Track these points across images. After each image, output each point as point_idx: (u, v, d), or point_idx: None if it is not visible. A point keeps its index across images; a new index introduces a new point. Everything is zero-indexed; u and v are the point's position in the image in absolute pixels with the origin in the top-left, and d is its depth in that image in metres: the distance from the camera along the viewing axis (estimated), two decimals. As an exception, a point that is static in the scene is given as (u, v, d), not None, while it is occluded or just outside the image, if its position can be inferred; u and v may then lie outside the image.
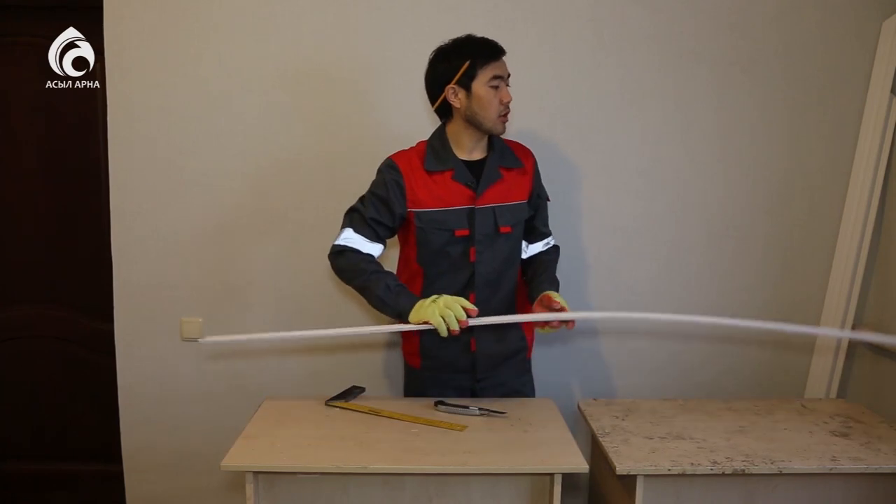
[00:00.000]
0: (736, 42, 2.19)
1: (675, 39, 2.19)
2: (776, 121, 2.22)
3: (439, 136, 1.82)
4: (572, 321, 1.69)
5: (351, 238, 1.75)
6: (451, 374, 1.87)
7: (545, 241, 1.97)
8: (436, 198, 1.76)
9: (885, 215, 2.20)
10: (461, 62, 1.71)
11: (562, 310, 1.69)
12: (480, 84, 1.71)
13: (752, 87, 2.21)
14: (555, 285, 1.83)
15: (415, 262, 1.82)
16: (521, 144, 1.92)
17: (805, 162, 2.23)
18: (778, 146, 2.23)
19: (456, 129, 1.79)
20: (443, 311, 1.59)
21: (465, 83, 1.72)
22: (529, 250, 1.94)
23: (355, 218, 1.78)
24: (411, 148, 1.85)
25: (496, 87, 1.72)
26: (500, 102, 1.73)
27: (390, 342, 2.29)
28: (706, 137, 2.23)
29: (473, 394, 1.90)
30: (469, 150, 1.80)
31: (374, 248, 1.77)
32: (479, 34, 1.79)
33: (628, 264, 2.28)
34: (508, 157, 1.84)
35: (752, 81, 2.21)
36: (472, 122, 1.75)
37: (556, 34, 2.18)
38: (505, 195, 1.80)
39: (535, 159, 1.91)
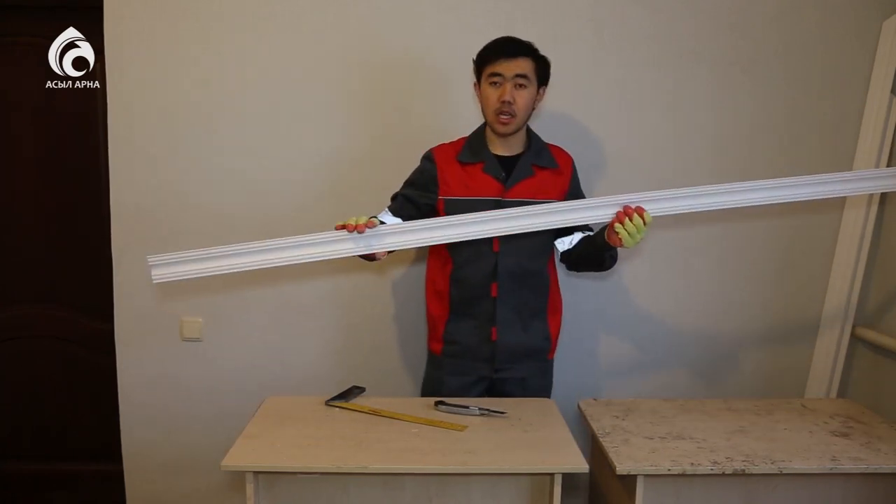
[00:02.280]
0: (736, 42, 2.19)
1: (675, 39, 2.19)
2: (776, 121, 2.22)
3: (479, 132, 1.90)
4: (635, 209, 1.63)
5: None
6: (470, 361, 1.89)
7: (586, 233, 1.93)
8: (465, 187, 1.84)
9: (885, 215, 2.20)
10: (474, 64, 1.82)
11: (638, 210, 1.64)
12: (483, 82, 1.80)
13: (752, 87, 2.21)
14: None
15: (444, 249, 1.87)
16: (561, 149, 1.94)
17: (805, 162, 2.23)
18: (778, 146, 2.23)
19: (485, 126, 1.89)
20: (351, 219, 1.61)
21: (478, 83, 1.83)
22: (567, 243, 1.92)
23: (393, 199, 1.90)
24: (452, 142, 1.93)
25: (496, 85, 1.77)
26: (497, 100, 1.76)
27: (391, 341, 2.29)
28: (706, 137, 2.23)
29: (492, 385, 1.92)
30: (500, 146, 1.86)
31: (392, 220, 1.82)
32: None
33: (628, 264, 2.28)
34: (545, 156, 1.88)
35: (752, 81, 2.21)
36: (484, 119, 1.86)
37: (556, 34, 2.18)
38: (536, 191, 1.84)
39: (573, 164, 1.94)
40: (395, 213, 1.84)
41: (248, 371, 2.29)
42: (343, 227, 1.59)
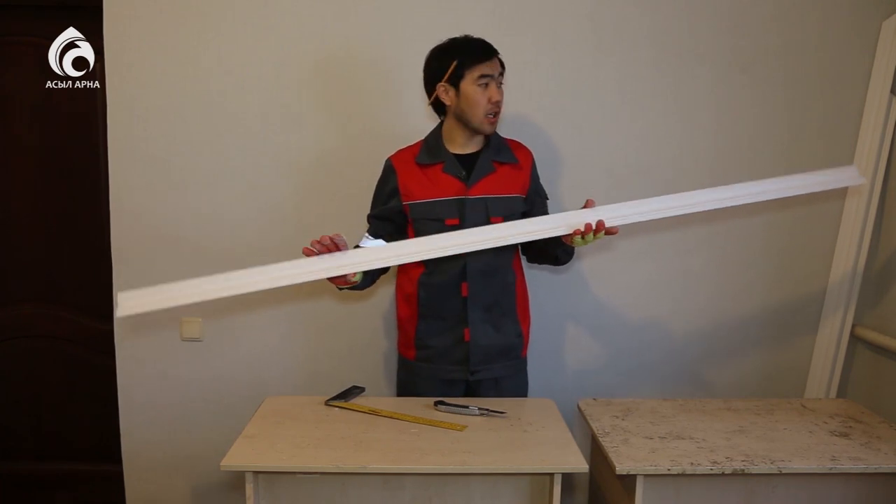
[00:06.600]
0: (736, 42, 2.19)
1: (675, 39, 2.19)
2: (776, 120, 2.23)
3: (435, 132, 1.89)
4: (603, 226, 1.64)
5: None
6: (444, 365, 1.88)
7: None
8: (427, 189, 1.83)
9: (885, 215, 2.20)
10: (450, 61, 1.78)
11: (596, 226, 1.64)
12: (468, 83, 1.77)
13: (752, 86, 2.21)
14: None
15: None
16: (519, 143, 1.94)
17: (805, 162, 2.22)
18: (778, 146, 2.23)
19: (449, 126, 1.86)
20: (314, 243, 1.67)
21: (455, 82, 1.78)
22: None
23: (369, 221, 1.91)
24: (410, 145, 1.91)
25: (485, 86, 1.76)
26: (489, 101, 1.77)
27: (391, 341, 2.29)
28: (706, 137, 2.23)
29: (468, 388, 1.91)
30: (462, 145, 1.85)
31: (373, 244, 1.79)
32: (480, 34, 1.81)
33: (627, 264, 2.27)
34: (504, 151, 1.87)
35: (752, 81, 2.21)
36: (461, 120, 1.82)
37: (556, 34, 2.18)
38: (498, 187, 1.83)
39: (532, 158, 1.93)
40: (375, 236, 1.82)
41: (248, 371, 2.29)
42: (310, 251, 1.63)
